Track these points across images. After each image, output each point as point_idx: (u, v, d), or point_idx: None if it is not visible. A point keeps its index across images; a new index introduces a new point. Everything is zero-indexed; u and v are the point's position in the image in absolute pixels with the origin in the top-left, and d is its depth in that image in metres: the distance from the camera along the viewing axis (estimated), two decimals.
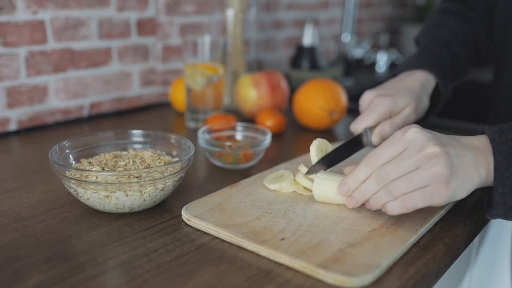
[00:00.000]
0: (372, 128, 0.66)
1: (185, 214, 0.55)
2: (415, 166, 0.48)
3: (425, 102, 0.69)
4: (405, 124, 0.66)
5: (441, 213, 0.56)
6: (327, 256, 0.46)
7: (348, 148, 0.62)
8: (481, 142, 0.51)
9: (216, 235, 0.52)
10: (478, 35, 0.78)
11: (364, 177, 0.51)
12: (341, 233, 0.51)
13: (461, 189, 0.49)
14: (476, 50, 0.78)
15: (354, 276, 0.43)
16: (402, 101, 0.66)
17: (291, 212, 0.56)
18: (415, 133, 0.50)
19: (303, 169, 0.61)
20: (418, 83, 0.69)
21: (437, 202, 0.49)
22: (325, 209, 0.56)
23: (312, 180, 0.60)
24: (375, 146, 0.64)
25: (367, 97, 0.68)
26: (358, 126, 0.65)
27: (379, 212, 0.55)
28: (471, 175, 0.49)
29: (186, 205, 0.56)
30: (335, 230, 0.51)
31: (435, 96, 0.73)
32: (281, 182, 0.61)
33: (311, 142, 0.60)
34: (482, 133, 0.53)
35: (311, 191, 0.60)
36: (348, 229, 0.52)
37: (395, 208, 0.49)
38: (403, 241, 0.50)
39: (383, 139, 0.64)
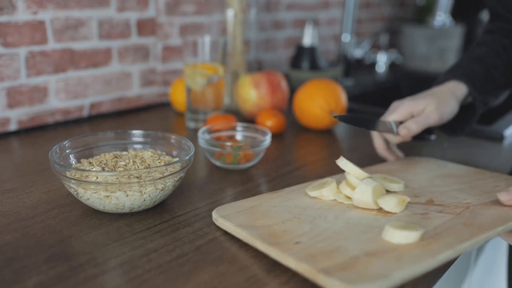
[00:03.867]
0: (397, 122, 0.71)
1: (214, 214, 0.54)
2: None
3: (452, 105, 0.71)
4: (427, 121, 0.69)
5: (496, 230, 0.49)
6: (336, 262, 0.43)
7: (374, 123, 0.69)
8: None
9: (237, 236, 0.51)
10: None
11: None
12: (364, 242, 0.46)
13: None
14: None
15: (353, 284, 0.39)
16: (421, 102, 0.70)
17: (321, 219, 0.52)
18: None
19: (343, 162, 0.58)
20: (446, 88, 0.73)
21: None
22: (360, 217, 0.52)
23: (354, 188, 0.57)
24: (399, 135, 0.70)
25: (392, 105, 0.74)
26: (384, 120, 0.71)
27: (422, 224, 0.51)
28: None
29: (219, 206, 0.55)
30: (359, 239, 0.47)
31: (472, 107, 0.75)
32: (321, 189, 0.58)
33: (311, 142, 0.60)
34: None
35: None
36: (375, 238, 0.47)
37: None
38: (432, 253, 0.44)
39: (410, 132, 0.69)
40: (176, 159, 0.62)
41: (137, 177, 0.53)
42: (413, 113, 0.70)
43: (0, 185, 0.64)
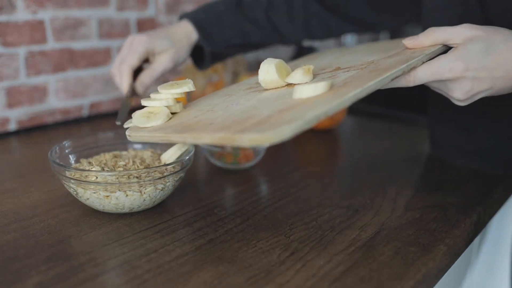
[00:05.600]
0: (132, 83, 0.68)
1: (127, 132, 0.53)
2: None
3: (186, 52, 0.72)
4: (162, 72, 0.69)
5: (400, 68, 0.49)
6: (250, 123, 0.43)
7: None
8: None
9: (152, 141, 0.51)
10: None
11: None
12: (277, 105, 0.46)
13: None
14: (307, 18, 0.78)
15: (268, 131, 0.39)
16: (159, 43, 0.68)
17: (233, 105, 0.52)
18: None
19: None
20: (183, 31, 0.72)
21: None
22: (271, 94, 0.52)
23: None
24: (140, 97, 0.66)
25: (128, 40, 0.69)
26: (123, 68, 0.66)
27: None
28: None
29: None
30: (272, 105, 0.47)
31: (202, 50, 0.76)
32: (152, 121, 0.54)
33: (311, 142, 0.60)
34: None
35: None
36: (287, 101, 0.47)
37: None
38: (341, 94, 0.44)
39: (146, 87, 0.68)
40: None
41: (137, 177, 0.53)
42: (149, 54, 0.68)
43: (0, 185, 0.64)
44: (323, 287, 0.43)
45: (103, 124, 0.94)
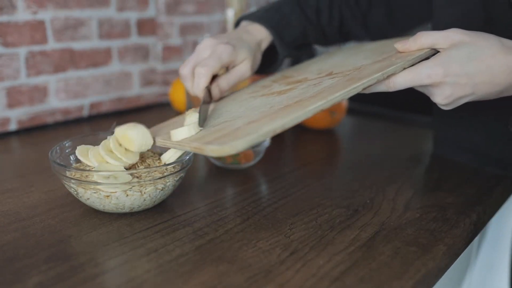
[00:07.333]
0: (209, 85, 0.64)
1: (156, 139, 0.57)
2: None
3: (259, 59, 0.69)
4: (240, 80, 0.66)
5: (373, 77, 0.50)
6: (221, 134, 0.47)
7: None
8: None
9: (161, 146, 0.56)
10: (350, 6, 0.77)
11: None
12: (253, 115, 0.50)
13: None
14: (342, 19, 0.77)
15: (225, 144, 0.44)
16: (242, 55, 0.64)
17: (227, 112, 0.56)
18: None
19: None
20: (254, 39, 0.69)
21: None
22: (261, 101, 0.55)
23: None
24: (215, 101, 0.65)
25: (206, 43, 0.65)
26: (204, 71, 0.62)
27: (313, 90, 0.52)
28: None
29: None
30: (250, 115, 0.51)
31: (272, 52, 0.73)
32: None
33: (311, 142, 0.60)
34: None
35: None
36: (264, 110, 0.50)
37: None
38: (303, 107, 0.46)
39: (222, 93, 0.65)
40: None
41: (137, 177, 0.53)
42: (230, 65, 0.65)
43: (0, 185, 0.64)
44: (323, 287, 0.43)
45: (103, 124, 0.94)
